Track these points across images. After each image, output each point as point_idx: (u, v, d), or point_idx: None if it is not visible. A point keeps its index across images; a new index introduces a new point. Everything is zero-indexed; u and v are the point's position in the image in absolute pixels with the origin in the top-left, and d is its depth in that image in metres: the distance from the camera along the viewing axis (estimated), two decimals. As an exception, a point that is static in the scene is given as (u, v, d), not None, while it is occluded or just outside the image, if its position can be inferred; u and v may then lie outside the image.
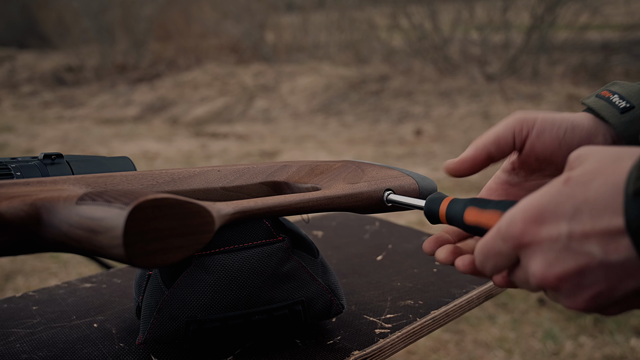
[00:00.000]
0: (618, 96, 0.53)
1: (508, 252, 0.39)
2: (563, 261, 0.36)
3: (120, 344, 0.62)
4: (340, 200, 0.55)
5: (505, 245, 0.39)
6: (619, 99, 0.52)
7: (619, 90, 0.54)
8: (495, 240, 0.40)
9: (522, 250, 0.38)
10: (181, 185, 0.56)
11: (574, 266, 0.35)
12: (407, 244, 0.91)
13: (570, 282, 0.36)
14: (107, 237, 0.39)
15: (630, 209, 0.32)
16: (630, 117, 0.51)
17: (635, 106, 0.52)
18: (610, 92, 0.54)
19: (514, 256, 0.39)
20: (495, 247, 0.40)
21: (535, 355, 1.82)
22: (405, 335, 0.64)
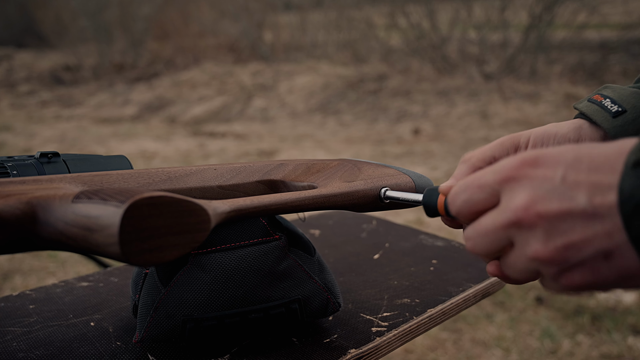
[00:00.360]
0: (610, 100, 0.53)
1: (492, 186, 0.39)
2: (549, 200, 0.35)
3: (117, 342, 0.62)
4: (337, 198, 0.55)
5: (494, 177, 0.39)
6: (611, 103, 0.53)
7: (610, 94, 0.54)
8: (483, 173, 0.40)
9: (508, 184, 0.38)
10: (177, 184, 0.56)
11: (557, 207, 0.35)
12: (404, 242, 0.91)
13: (548, 222, 0.36)
14: (103, 235, 0.39)
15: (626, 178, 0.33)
16: (622, 121, 0.52)
17: (628, 110, 0.52)
18: (602, 96, 0.54)
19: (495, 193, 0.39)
20: (480, 179, 0.40)
21: (533, 354, 1.83)
22: (402, 333, 0.64)
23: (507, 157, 0.52)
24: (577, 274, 0.36)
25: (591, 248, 0.35)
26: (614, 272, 0.35)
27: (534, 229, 0.36)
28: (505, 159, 0.39)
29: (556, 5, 6.79)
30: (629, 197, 0.32)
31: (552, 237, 0.36)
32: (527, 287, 2.26)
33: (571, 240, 0.35)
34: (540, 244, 0.36)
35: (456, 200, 0.41)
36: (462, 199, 0.41)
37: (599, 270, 0.35)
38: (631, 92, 0.54)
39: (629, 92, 0.54)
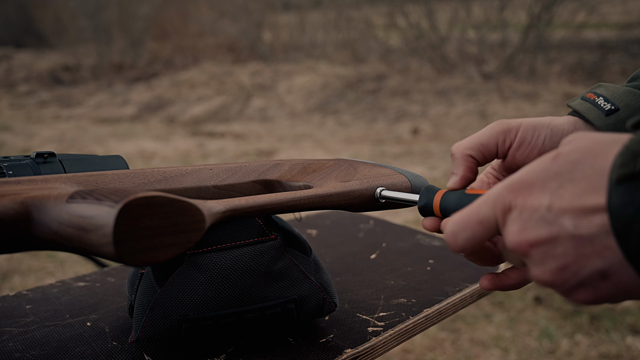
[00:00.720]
0: (603, 98, 0.53)
1: (491, 220, 0.40)
2: (537, 228, 0.37)
3: (113, 342, 0.62)
4: (332, 198, 0.55)
5: (492, 211, 0.40)
6: (604, 101, 0.53)
7: (604, 92, 0.54)
8: (479, 207, 0.41)
9: (506, 216, 0.39)
10: (173, 184, 0.56)
11: (546, 234, 0.36)
12: (401, 242, 0.91)
13: (540, 249, 0.37)
14: (97, 235, 0.39)
15: (613, 195, 0.33)
16: (615, 120, 0.52)
17: (620, 108, 0.53)
18: (595, 95, 0.54)
19: (495, 225, 0.40)
20: (479, 214, 0.41)
21: (532, 354, 1.83)
22: (398, 333, 0.64)
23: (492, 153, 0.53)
24: (581, 293, 0.37)
25: (586, 270, 0.36)
26: (614, 289, 0.36)
27: (529, 256, 0.38)
28: (498, 188, 0.40)
29: (555, 4, 6.79)
30: (619, 215, 0.33)
31: (547, 262, 0.37)
32: (526, 287, 2.26)
33: (565, 263, 0.36)
34: (538, 269, 0.38)
35: (458, 239, 0.42)
36: (464, 237, 0.42)
37: (599, 289, 0.36)
38: (625, 91, 0.54)
39: (622, 91, 0.54)
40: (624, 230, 0.33)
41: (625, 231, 0.33)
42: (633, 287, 0.35)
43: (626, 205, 0.32)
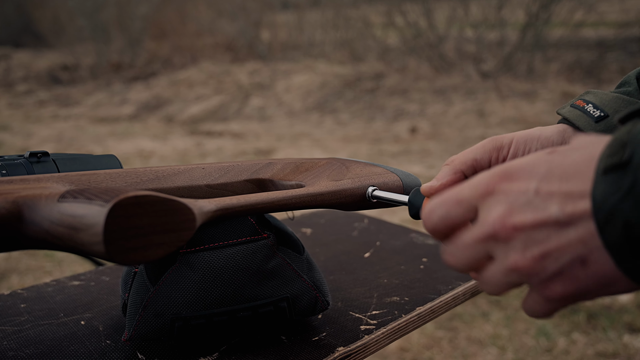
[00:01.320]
0: (592, 105, 0.54)
1: (470, 201, 0.40)
2: (523, 212, 0.36)
3: (106, 341, 0.62)
4: (324, 197, 0.55)
5: (471, 192, 0.39)
6: (593, 108, 0.54)
7: (593, 99, 0.55)
8: (461, 188, 0.40)
9: (486, 199, 0.39)
10: (165, 183, 0.56)
11: (532, 218, 0.36)
12: (395, 240, 0.91)
13: (524, 234, 0.37)
14: (87, 234, 0.40)
15: (598, 185, 0.34)
16: (604, 126, 0.53)
17: (610, 115, 0.53)
18: (584, 102, 0.55)
19: (473, 208, 0.40)
20: (458, 194, 0.40)
21: (529, 352, 1.83)
22: (391, 331, 0.64)
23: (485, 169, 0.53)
24: (558, 284, 0.37)
25: (567, 255, 0.35)
26: (593, 279, 0.36)
27: (511, 240, 0.37)
28: (482, 173, 0.40)
29: (553, 3, 6.80)
30: (601, 204, 0.33)
31: (529, 247, 0.37)
32: (523, 286, 2.26)
33: (547, 248, 0.36)
34: (519, 255, 0.37)
35: (432, 216, 0.42)
36: (439, 215, 0.41)
37: (578, 278, 0.36)
38: (613, 97, 0.55)
39: (611, 97, 0.55)
40: (606, 219, 0.33)
41: (607, 220, 0.33)
42: (612, 278, 0.35)
43: (610, 194, 0.33)
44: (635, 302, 2.07)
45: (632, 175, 0.32)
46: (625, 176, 0.32)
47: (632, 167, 0.32)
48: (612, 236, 0.33)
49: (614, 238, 0.33)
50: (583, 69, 6.39)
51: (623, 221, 0.32)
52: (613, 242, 0.33)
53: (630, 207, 0.32)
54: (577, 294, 0.37)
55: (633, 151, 0.32)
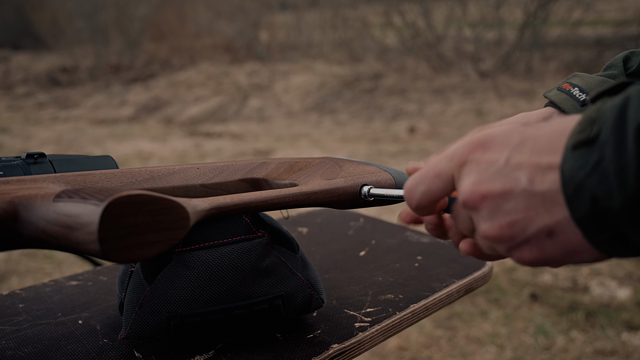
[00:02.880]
0: (578, 89, 0.54)
1: (448, 173, 0.41)
2: (492, 182, 0.37)
3: (104, 339, 0.63)
4: (317, 195, 0.56)
5: (449, 164, 0.41)
6: (579, 91, 0.54)
7: (579, 82, 0.55)
8: (437, 161, 0.42)
9: (461, 169, 0.40)
10: (160, 183, 0.57)
11: (500, 188, 0.37)
12: (390, 239, 0.92)
13: (492, 202, 0.38)
14: (82, 233, 0.40)
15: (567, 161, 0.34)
16: None
17: None
18: (571, 85, 0.55)
19: (451, 180, 0.41)
20: (435, 168, 0.42)
21: (527, 351, 1.84)
22: (385, 328, 0.65)
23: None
24: (526, 251, 0.38)
25: (534, 226, 0.36)
26: (559, 248, 0.37)
27: (480, 209, 0.38)
28: (457, 143, 0.41)
29: (551, 2, 6.81)
30: (569, 179, 0.34)
31: (497, 216, 0.38)
32: (522, 284, 2.27)
33: (514, 218, 0.37)
34: (487, 224, 0.38)
35: (415, 192, 0.43)
36: (420, 191, 0.42)
37: (544, 247, 0.37)
38: (599, 80, 0.55)
39: (597, 81, 0.55)
40: (574, 193, 0.34)
41: (575, 193, 0.34)
42: (578, 249, 0.36)
43: (578, 169, 0.33)
44: (634, 300, 2.08)
45: (599, 152, 0.33)
46: (592, 152, 0.33)
47: (599, 144, 0.33)
48: (580, 210, 0.34)
49: (582, 212, 0.34)
50: (581, 68, 6.40)
51: (590, 196, 0.33)
52: (581, 215, 0.34)
53: (597, 182, 0.32)
54: (543, 261, 0.38)
55: (600, 128, 0.33)
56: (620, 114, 0.32)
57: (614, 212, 0.32)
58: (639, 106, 0.32)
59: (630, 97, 0.33)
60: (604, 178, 0.32)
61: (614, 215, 0.32)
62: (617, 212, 0.32)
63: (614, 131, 0.32)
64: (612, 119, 0.33)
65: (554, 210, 0.35)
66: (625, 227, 0.32)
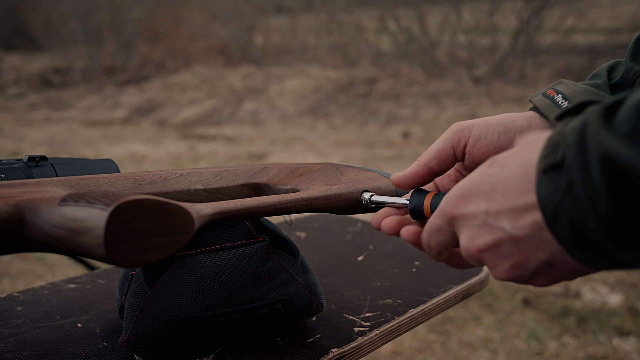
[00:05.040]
0: (562, 96, 0.55)
1: (445, 227, 0.44)
2: (482, 235, 0.40)
3: (103, 343, 0.63)
4: (318, 201, 0.56)
5: (442, 220, 0.44)
6: (562, 98, 0.55)
7: (563, 89, 0.56)
8: (435, 217, 0.45)
9: (455, 226, 0.43)
10: (163, 187, 0.57)
11: (491, 240, 0.39)
12: (387, 244, 0.93)
13: (490, 254, 0.40)
14: (88, 237, 0.41)
15: (540, 185, 0.35)
16: None
17: None
18: (555, 92, 0.56)
19: (451, 232, 0.44)
20: (435, 224, 0.45)
21: (520, 355, 1.85)
22: (384, 333, 0.65)
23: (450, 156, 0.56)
24: (538, 280, 0.40)
25: (533, 263, 0.39)
26: (563, 272, 0.39)
27: (483, 260, 0.41)
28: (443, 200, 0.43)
29: (544, 9, 6.85)
30: (546, 203, 0.35)
31: (499, 264, 0.40)
32: (515, 289, 2.28)
33: (514, 261, 0.39)
34: (495, 271, 0.41)
35: (430, 246, 0.47)
36: (433, 243, 0.46)
37: (550, 274, 0.39)
38: (583, 89, 0.56)
39: (581, 89, 0.56)
40: (553, 219, 0.35)
41: (554, 218, 0.35)
42: (578, 269, 0.38)
43: (552, 194, 0.35)
44: (625, 306, 2.09)
45: (567, 176, 0.34)
46: (562, 176, 0.34)
47: (566, 168, 0.34)
48: (562, 233, 0.35)
49: (564, 234, 0.35)
50: (574, 75, 6.43)
51: (568, 219, 0.34)
52: (564, 238, 0.35)
53: (571, 206, 0.34)
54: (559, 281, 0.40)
55: (565, 152, 0.34)
56: (580, 139, 0.33)
57: (593, 233, 0.33)
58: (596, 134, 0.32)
59: (587, 122, 0.33)
60: (577, 202, 0.33)
61: (593, 236, 0.33)
62: (596, 234, 0.33)
63: (577, 157, 0.33)
64: (574, 145, 0.33)
65: (544, 246, 0.37)
66: (606, 246, 0.33)
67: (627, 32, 6.84)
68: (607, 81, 0.56)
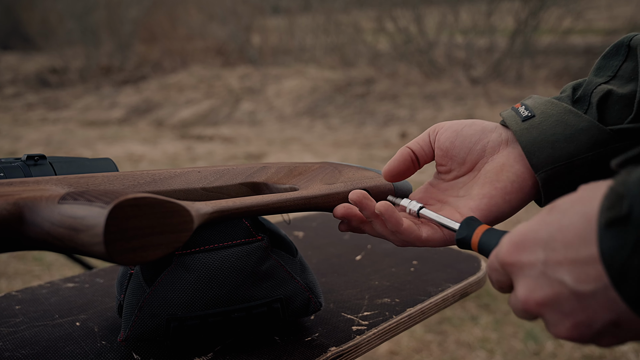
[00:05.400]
0: (524, 107, 0.58)
1: (500, 270, 0.42)
2: (541, 288, 0.37)
3: (102, 341, 0.63)
4: (317, 200, 0.56)
5: (497, 262, 0.41)
6: (525, 109, 0.58)
7: (529, 102, 0.59)
8: (492, 258, 0.43)
9: (510, 273, 0.40)
10: (162, 186, 0.57)
11: (550, 293, 0.37)
12: (385, 244, 0.93)
13: (549, 309, 0.37)
14: (88, 235, 0.41)
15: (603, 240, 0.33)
16: (528, 125, 0.56)
17: (536, 115, 0.57)
18: (521, 104, 0.59)
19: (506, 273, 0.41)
20: (492, 264, 0.43)
21: (517, 356, 1.85)
22: (382, 332, 0.65)
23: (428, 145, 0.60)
24: (604, 340, 0.37)
25: (598, 323, 0.35)
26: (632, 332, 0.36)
27: (543, 315, 0.38)
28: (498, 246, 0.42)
29: (542, 10, 6.87)
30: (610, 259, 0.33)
31: (560, 321, 0.37)
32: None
33: (577, 320, 0.36)
34: (556, 328, 0.38)
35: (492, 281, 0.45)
36: (493, 281, 0.44)
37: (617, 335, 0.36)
38: (545, 101, 0.58)
39: (543, 101, 0.58)
40: (620, 278, 0.32)
41: (622, 277, 0.32)
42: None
43: (617, 250, 0.32)
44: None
45: (635, 231, 0.31)
46: (628, 231, 0.31)
47: (634, 222, 0.31)
48: (631, 293, 0.32)
49: (632, 294, 0.32)
50: (571, 76, 6.45)
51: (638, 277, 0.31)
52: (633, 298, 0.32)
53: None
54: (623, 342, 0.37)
55: (631, 205, 0.32)
56: None
57: None
58: None
59: None
60: None
61: None
62: None
63: None
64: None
65: (610, 305, 0.34)
66: None
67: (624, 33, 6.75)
68: (570, 95, 0.58)
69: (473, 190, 0.58)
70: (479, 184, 0.57)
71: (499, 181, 0.56)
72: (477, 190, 0.57)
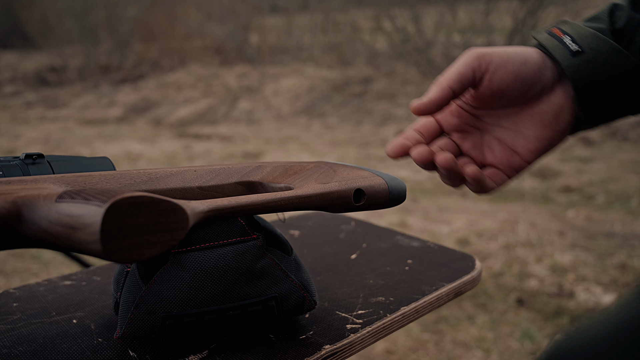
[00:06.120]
0: (570, 38, 0.54)
1: None
2: None
3: (98, 339, 0.64)
4: (312, 199, 0.57)
5: None
6: (571, 41, 0.54)
7: (570, 31, 0.55)
8: None
9: None
10: (158, 185, 0.58)
11: None
12: (381, 243, 0.93)
13: None
14: (85, 233, 0.41)
15: None
16: (580, 61, 0.53)
17: (586, 51, 0.53)
18: (562, 32, 0.55)
19: None
20: None
21: (513, 355, 1.86)
22: (376, 330, 0.66)
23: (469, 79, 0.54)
24: None
25: None
26: None
27: None
28: None
29: (540, 9, 6.88)
30: None
31: None
32: (508, 289, 2.29)
33: None
34: None
35: None
36: None
37: None
38: (590, 34, 0.54)
39: (588, 33, 0.54)
40: None
41: None
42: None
43: None
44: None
45: None
46: None
47: None
48: None
49: None
50: (569, 76, 6.46)
51: None
52: None
53: None
54: None
55: None
56: None
57: None
58: None
59: None
60: None
61: None
62: None
63: None
64: None
65: None
66: None
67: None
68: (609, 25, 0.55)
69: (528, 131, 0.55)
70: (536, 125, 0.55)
71: (559, 124, 0.54)
72: (534, 131, 0.55)
